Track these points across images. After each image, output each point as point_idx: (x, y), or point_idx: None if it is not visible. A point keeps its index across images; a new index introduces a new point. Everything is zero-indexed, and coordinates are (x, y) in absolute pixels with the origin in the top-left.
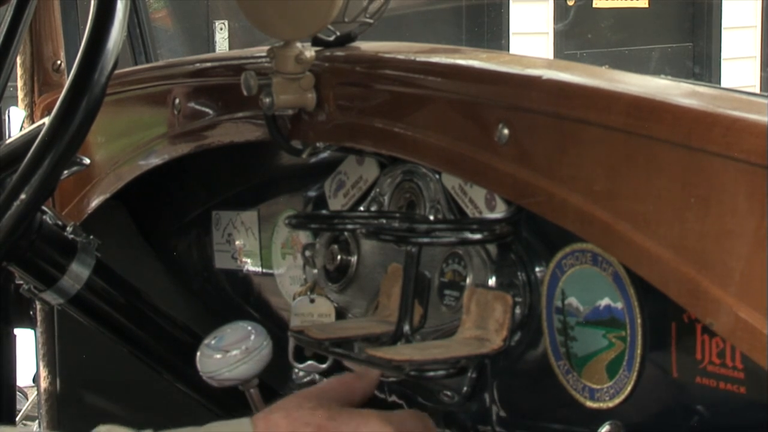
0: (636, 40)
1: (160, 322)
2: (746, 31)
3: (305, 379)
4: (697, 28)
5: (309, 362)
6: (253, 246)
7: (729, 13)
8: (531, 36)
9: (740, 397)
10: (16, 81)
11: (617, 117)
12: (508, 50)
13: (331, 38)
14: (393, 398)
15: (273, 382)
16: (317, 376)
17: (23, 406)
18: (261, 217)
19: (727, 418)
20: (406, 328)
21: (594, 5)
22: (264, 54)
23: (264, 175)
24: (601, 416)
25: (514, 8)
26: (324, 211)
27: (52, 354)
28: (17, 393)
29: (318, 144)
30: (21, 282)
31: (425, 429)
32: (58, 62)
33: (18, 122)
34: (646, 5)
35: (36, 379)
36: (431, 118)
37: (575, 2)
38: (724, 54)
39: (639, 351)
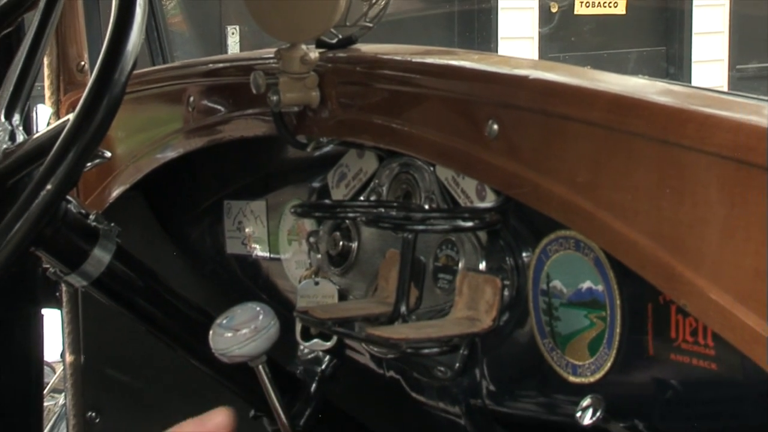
0: (615, 44)
1: (176, 303)
2: (715, 36)
3: (310, 356)
4: (670, 33)
5: (314, 340)
6: (261, 233)
7: (699, 19)
8: (518, 40)
9: (711, 373)
10: (43, 81)
11: (599, 113)
12: (497, 53)
13: (334, 41)
14: (391, 374)
15: (280, 358)
16: (321, 353)
17: (51, 380)
18: (269, 206)
19: (699, 392)
20: (403, 308)
21: (576, 12)
22: (272, 55)
23: (272, 168)
24: (583, 390)
25: (502, 14)
26: (327, 201)
27: (76, 332)
28: (45, 367)
29: (321, 138)
30: (48, 266)
31: None
32: (82, 63)
33: (45, 118)
34: (624, 12)
35: (62, 354)
36: (426, 115)
37: (558, 9)
38: (694, 57)
39: (618, 330)
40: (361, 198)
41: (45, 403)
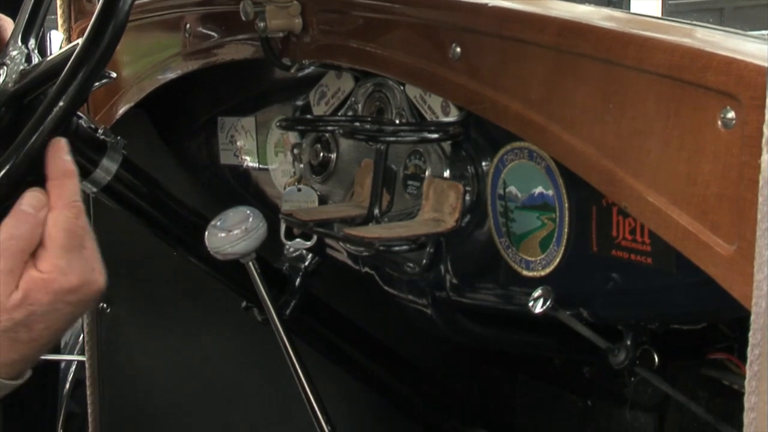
0: None
1: (176, 208)
2: None
3: (294, 254)
4: None
5: (297, 240)
6: (251, 145)
7: None
8: None
9: (647, 266)
10: (56, 12)
11: (550, 37)
12: None
13: None
14: (366, 269)
15: (267, 255)
16: (304, 252)
17: None
18: (258, 122)
19: (636, 283)
20: (376, 211)
21: None
22: None
23: (260, 87)
24: (534, 283)
25: None
26: (309, 116)
27: None
28: None
29: (304, 61)
30: None
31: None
32: None
33: (58, 43)
34: None
35: None
36: (397, 39)
37: None
38: None
39: (566, 230)
40: (339, 114)
41: None
